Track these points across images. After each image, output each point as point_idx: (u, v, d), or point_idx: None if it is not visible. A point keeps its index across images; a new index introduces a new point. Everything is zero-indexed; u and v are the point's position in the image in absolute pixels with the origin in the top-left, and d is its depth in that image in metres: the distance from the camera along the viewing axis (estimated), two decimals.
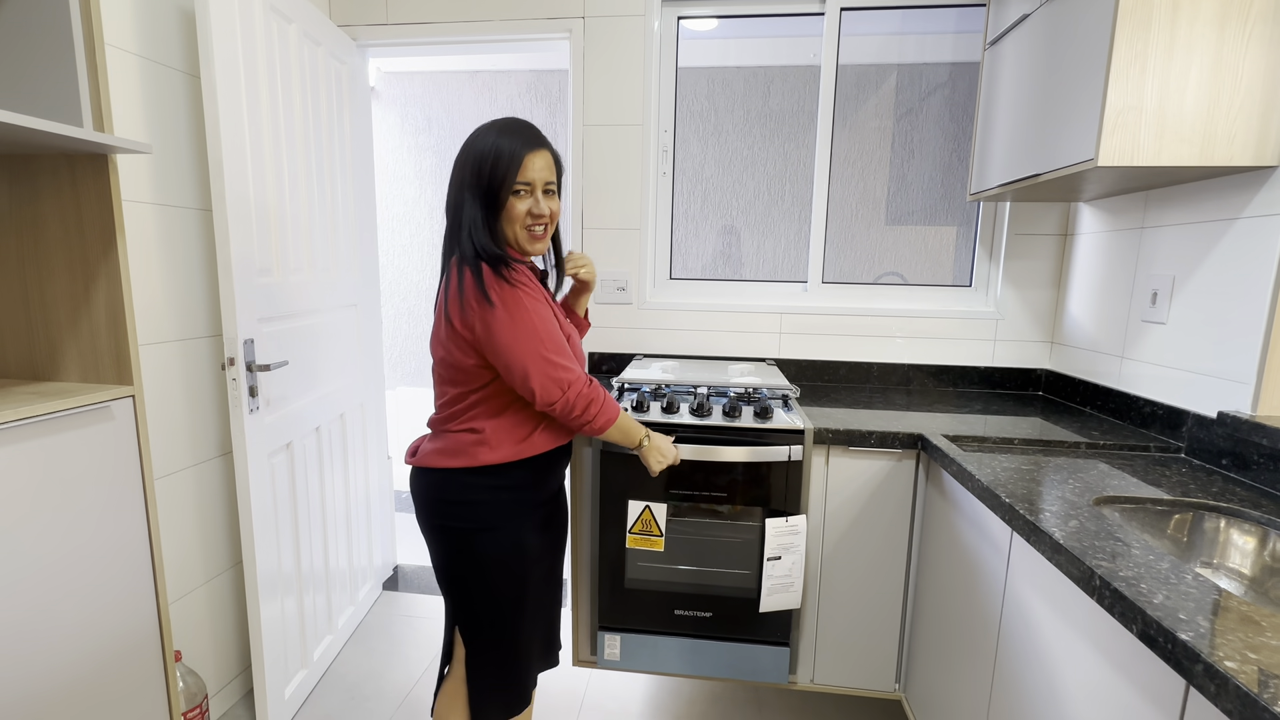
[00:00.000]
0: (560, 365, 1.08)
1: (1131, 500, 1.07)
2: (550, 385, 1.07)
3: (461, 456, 1.12)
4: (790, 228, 2.31)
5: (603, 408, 1.14)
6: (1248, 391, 1.20)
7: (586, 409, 1.12)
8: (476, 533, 1.14)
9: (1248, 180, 1.21)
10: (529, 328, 1.06)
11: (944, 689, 1.33)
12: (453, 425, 1.15)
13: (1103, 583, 0.75)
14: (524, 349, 1.05)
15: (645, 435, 1.26)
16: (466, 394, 1.13)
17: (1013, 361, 1.92)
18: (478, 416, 1.14)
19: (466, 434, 1.13)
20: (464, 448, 1.13)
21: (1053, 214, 1.85)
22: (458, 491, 1.13)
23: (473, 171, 1.09)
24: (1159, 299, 1.44)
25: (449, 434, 1.15)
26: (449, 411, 1.16)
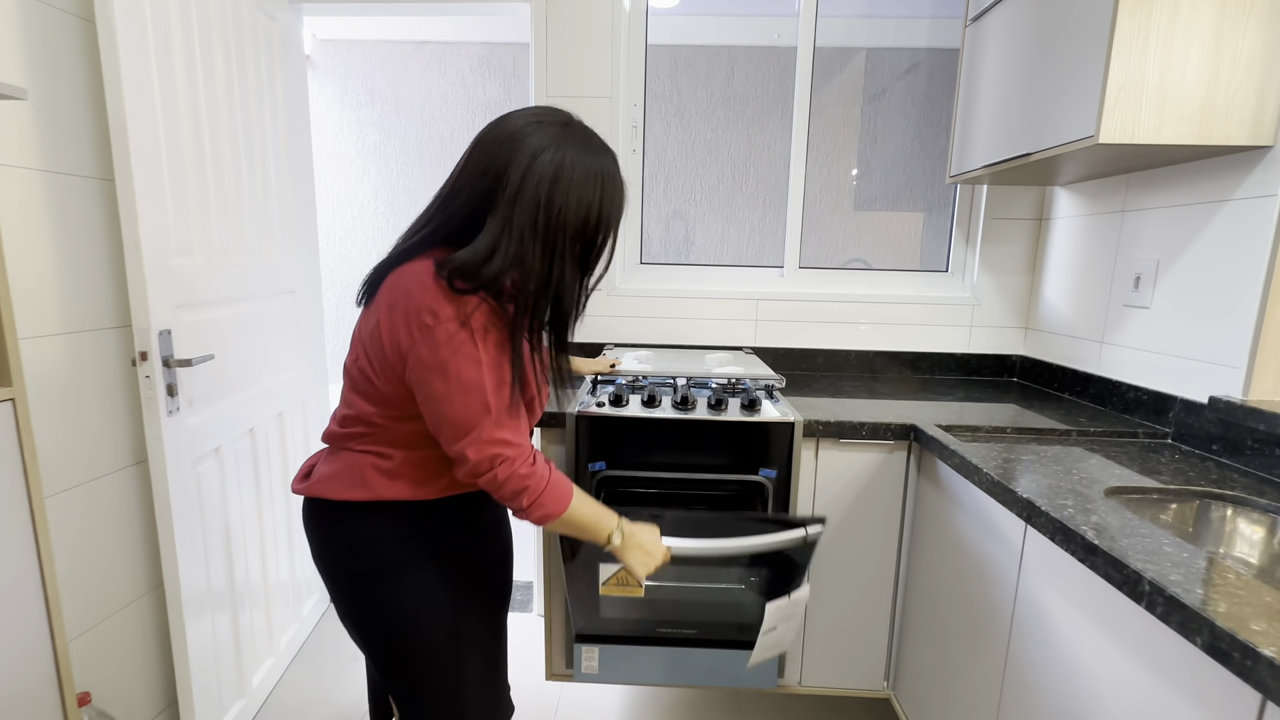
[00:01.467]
0: (498, 434, 0.84)
1: (1138, 490, 1.03)
2: (483, 453, 0.83)
3: (359, 487, 0.89)
4: (754, 214, 2.23)
5: (540, 498, 0.86)
6: (1238, 376, 1.18)
7: (517, 496, 0.85)
8: (382, 575, 0.92)
9: (1240, 161, 1.19)
10: (484, 376, 0.82)
11: (940, 687, 1.28)
12: (356, 444, 0.91)
13: (1154, 588, 0.68)
14: (466, 400, 0.82)
15: (616, 528, 0.95)
16: (380, 412, 0.89)
17: (989, 348, 1.90)
18: (389, 439, 0.90)
19: (371, 457, 0.90)
20: (364, 476, 0.89)
21: (1028, 198, 1.83)
22: (353, 528, 0.92)
23: (580, 207, 0.82)
24: (1142, 283, 1.42)
25: (349, 453, 0.91)
26: (353, 429, 0.91)
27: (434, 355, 0.80)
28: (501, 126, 0.84)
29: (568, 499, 0.90)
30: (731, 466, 1.35)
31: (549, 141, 0.82)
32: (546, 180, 0.81)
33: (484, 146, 0.84)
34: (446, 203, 0.86)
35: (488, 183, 0.82)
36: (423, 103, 3.36)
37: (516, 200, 0.80)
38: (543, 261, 0.82)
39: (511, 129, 0.83)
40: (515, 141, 0.82)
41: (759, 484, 1.36)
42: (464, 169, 0.85)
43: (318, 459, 0.97)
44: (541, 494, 0.87)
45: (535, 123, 0.83)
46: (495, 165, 0.82)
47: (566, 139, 0.83)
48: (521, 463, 0.85)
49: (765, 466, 1.35)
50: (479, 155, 0.84)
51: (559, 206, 0.81)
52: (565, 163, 0.81)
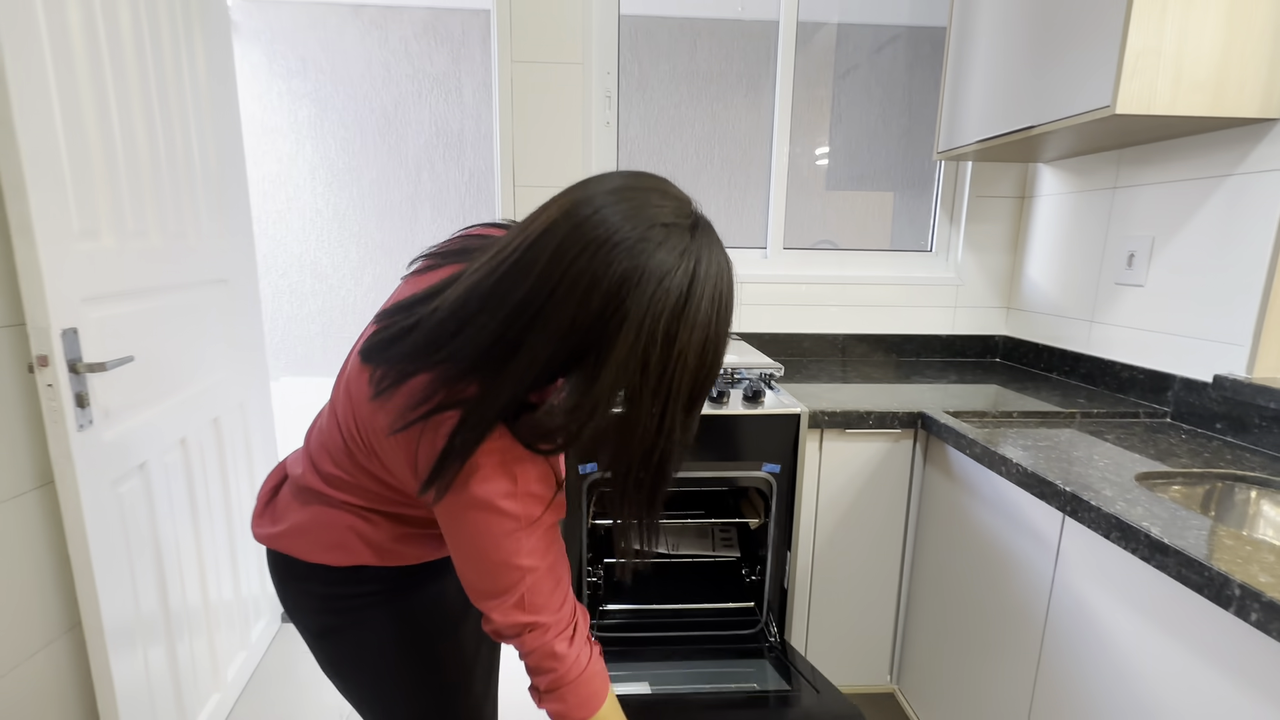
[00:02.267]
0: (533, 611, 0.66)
1: (1163, 476, 1.00)
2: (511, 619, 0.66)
3: (337, 550, 0.75)
4: (720, 194, 2.14)
5: (564, 689, 0.67)
6: (1242, 354, 1.17)
7: (539, 674, 0.68)
8: (363, 626, 0.80)
9: (1246, 134, 1.16)
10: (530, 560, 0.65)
11: (953, 684, 1.24)
12: (338, 492, 0.74)
13: (1246, 593, 0.63)
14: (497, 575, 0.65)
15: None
16: (381, 492, 0.73)
17: (972, 329, 1.88)
18: (381, 506, 0.74)
19: (352, 516, 0.74)
20: (344, 539, 0.75)
21: (1010, 176, 1.80)
22: (327, 588, 0.78)
23: (704, 338, 0.58)
24: (1136, 261, 1.40)
25: (328, 508, 0.75)
26: (337, 473, 0.73)
27: (469, 529, 0.64)
28: (605, 234, 0.55)
29: (596, 705, 0.68)
30: (734, 462, 1.26)
31: (678, 258, 0.56)
32: (666, 312, 0.55)
33: (576, 267, 0.55)
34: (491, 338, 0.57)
35: (583, 321, 0.55)
36: (363, 72, 3.09)
37: (631, 345, 0.56)
38: (653, 417, 0.59)
39: (627, 241, 0.55)
40: (636, 264, 0.55)
41: (762, 480, 1.27)
42: (535, 289, 0.56)
43: (282, 492, 0.81)
44: (567, 685, 0.67)
45: (662, 227, 0.57)
46: (599, 300, 0.55)
47: (695, 246, 0.58)
48: (557, 635, 0.66)
49: (769, 461, 1.27)
50: (565, 279, 0.55)
51: (681, 346, 0.57)
52: (695, 284, 0.57)
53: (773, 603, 1.34)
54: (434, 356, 0.60)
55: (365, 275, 3.26)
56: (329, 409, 0.76)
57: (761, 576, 1.35)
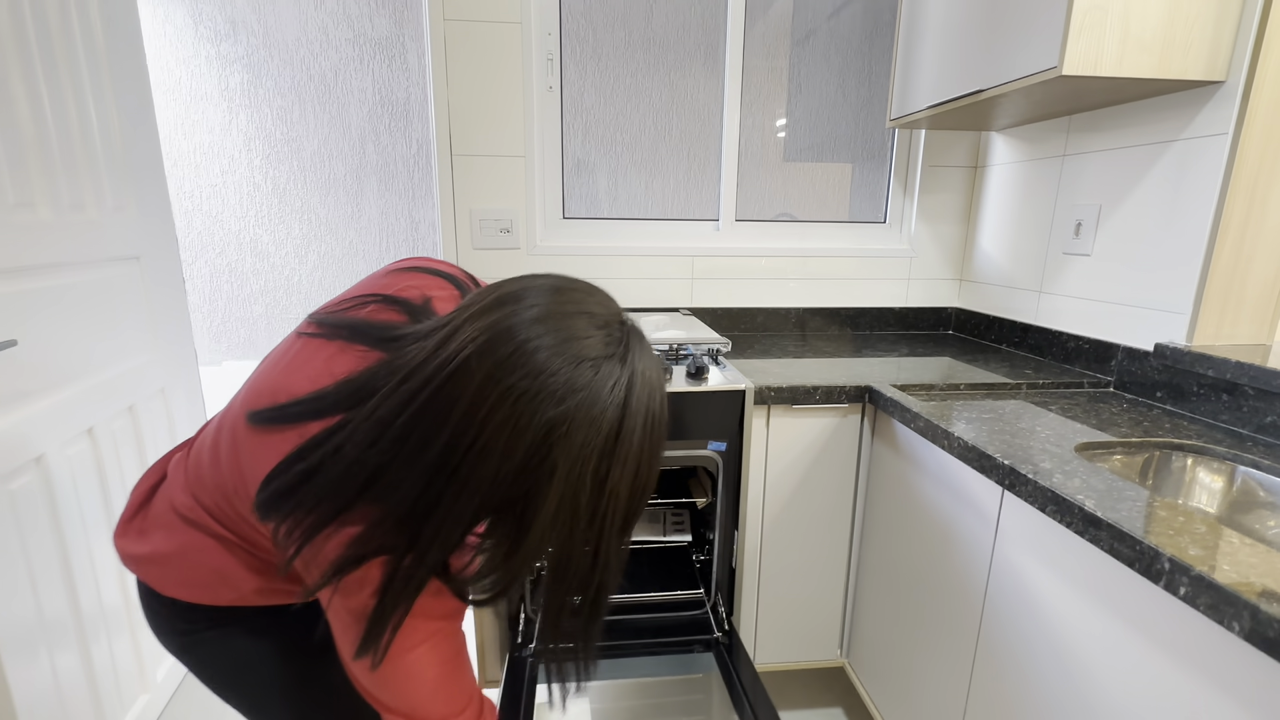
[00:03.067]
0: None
1: (1103, 446, 0.99)
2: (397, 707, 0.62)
3: (203, 589, 0.69)
4: (679, 167, 2.07)
5: None
6: (1183, 322, 1.16)
7: None
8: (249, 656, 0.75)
9: (1191, 98, 1.14)
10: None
11: (899, 656, 1.23)
12: (201, 517, 0.67)
13: (1175, 566, 0.61)
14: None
15: None
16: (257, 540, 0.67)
17: (925, 301, 1.87)
18: (247, 530, 0.66)
19: (215, 547, 0.67)
20: (210, 580, 0.68)
21: (964, 145, 1.78)
22: (196, 625, 0.73)
23: (638, 468, 0.53)
24: (1083, 230, 1.39)
25: (196, 532, 0.68)
26: (205, 500, 0.67)
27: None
28: (528, 379, 0.48)
29: None
30: (678, 441, 1.22)
31: (608, 394, 0.50)
32: (596, 454, 0.50)
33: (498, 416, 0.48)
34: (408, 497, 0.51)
35: (507, 474, 0.49)
36: (298, 37, 2.90)
37: (561, 496, 0.50)
38: (586, 556, 0.55)
39: (551, 386, 0.48)
40: (563, 410, 0.48)
41: (708, 459, 1.24)
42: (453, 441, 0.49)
43: (155, 496, 0.73)
44: None
45: (590, 364, 0.50)
46: (524, 453, 0.48)
47: (625, 374, 0.51)
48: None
49: (714, 439, 1.23)
50: (485, 430, 0.48)
51: (613, 485, 0.51)
52: (627, 417, 0.51)
53: (721, 584, 1.31)
54: (344, 514, 0.53)
55: (309, 254, 3.11)
56: (213, 442, 0.67)
57: (710, 557, 1.33)
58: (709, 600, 1.34)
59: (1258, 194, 1.08)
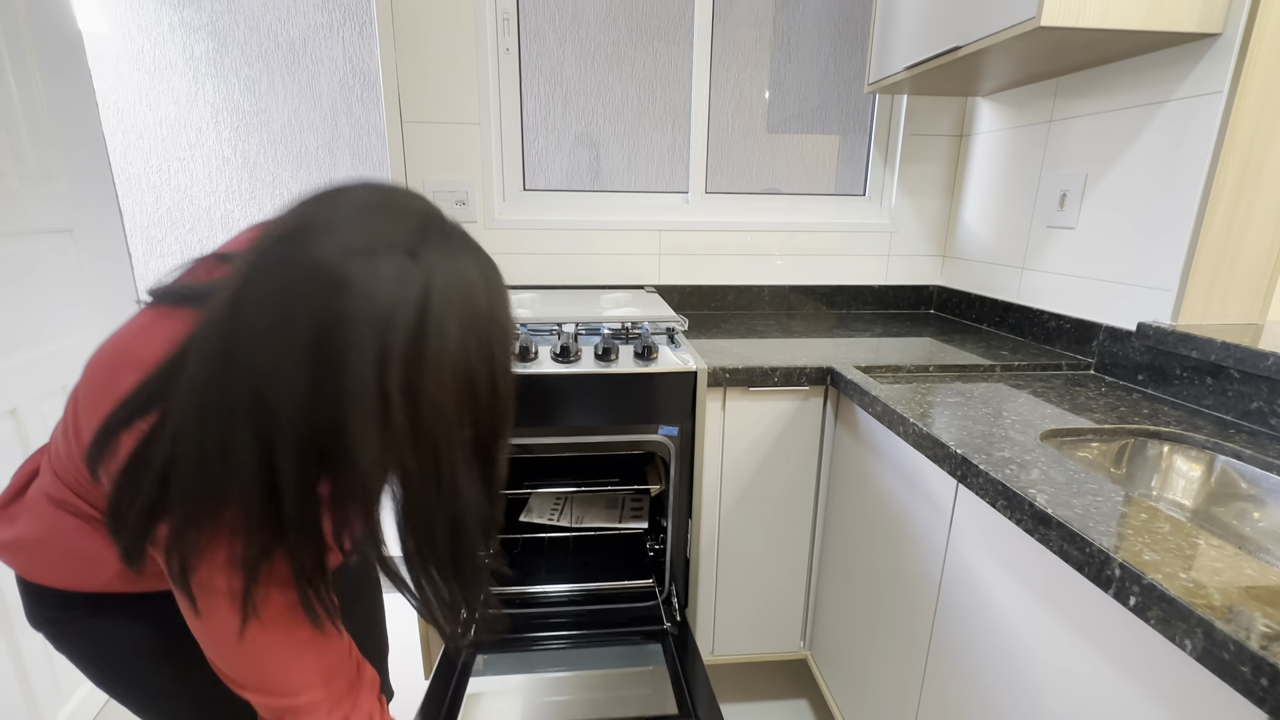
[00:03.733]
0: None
1: (1072, 433, 0.91)
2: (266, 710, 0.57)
3: (64, 573, 0.64)
4: (663, 139, 1.97)
5: None
6: (1168, 299, 1.08)
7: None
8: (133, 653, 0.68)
9: (1184, 54, 1.04)
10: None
11: (859, 650, 1.17)
12: (67, 497, 0.62)
13: (1126, 573, 0.54)
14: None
15: None
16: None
17: (906, 279, 1.78)
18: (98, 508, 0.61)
19: (81, 528, 0.62)
20: (69, 561, 0.63)
21: (949, 112, 1.67)
22: (69, 616, 0.67)
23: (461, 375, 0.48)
24: (1068, 201, 1.30)
25: (57, 510, 0.63)
26: (66, 476, 0.61)
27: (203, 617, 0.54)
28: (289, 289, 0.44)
29: None
30: (626, 426, 1.15)
31: (394, 290, 0.44)
32: (395, 363, 0.44)
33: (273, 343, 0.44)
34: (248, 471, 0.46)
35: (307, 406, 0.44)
36: (264, 1, 2.78)
37: (366, 416, 0.45)
38: (426, 483, 0.49)
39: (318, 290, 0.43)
40: (332, 316, 0.43)
41: (659, 444, 1.17)
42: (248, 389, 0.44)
43: (20, 497, 0.67)
44: None
45: (364, 258, 0.44)
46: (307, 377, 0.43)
47: (422, 269, 0.46)
48: (327, 714, 0.57)
49: (665, 424, 1.16)
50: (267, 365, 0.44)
51: (430, 397, 0.46)
52: (428, 317, 0.45)
53: (676, 574, 1.25)
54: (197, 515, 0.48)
55: None
56: (66, 411, 0.61)
57: (663, 546, 1.26)
58: (661, 592, 1.28)
59: (1253, 158, 0.99)
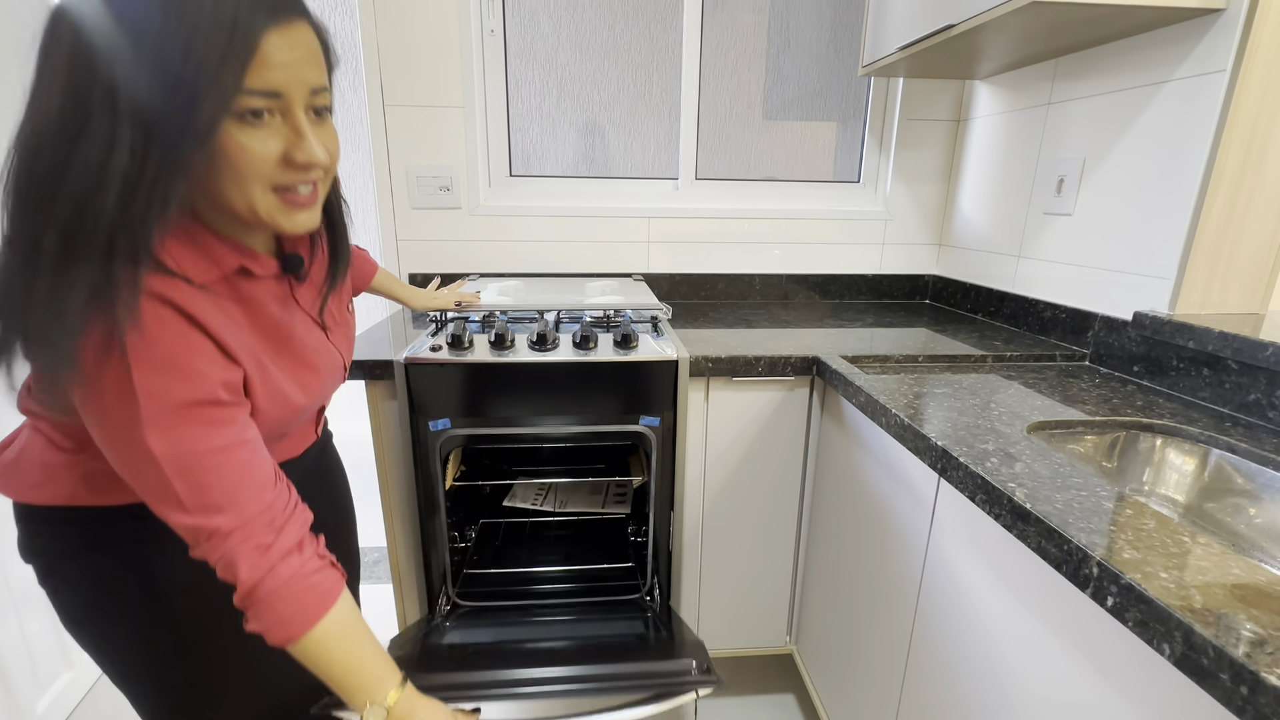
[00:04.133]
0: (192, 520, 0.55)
1: (1062, 425, 0.88)
2: (185, 531, 0.56)
3: (37, 487, 0.63)
4: (660, 126, 1.94)
5: (264, 604, 0.56)
6: (1166, 288, 1.04)
7: (236, 594, 0.57)
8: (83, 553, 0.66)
9: (1186, 31, 1.00)
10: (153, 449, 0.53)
11: (843, 645, 1.15)
12: (35, 417, 0.64)
13: (1105, 572, 0.51)
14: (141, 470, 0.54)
15: (382, 704, 0.60)
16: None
17: (901, 268, 1.74)
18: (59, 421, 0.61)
19: (43, 439, 0.63)
20: (38, 471, 0.63)
21: (947, 96, 1.63)
22: (47, 543, 0.66)
23: (127, 68, 0.47)
24: (1065, 186, 1.26)
25: (29, 429, 0.65)
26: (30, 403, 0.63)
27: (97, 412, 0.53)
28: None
29: (310, 618, 0.57)
30: (605, 416, 1.12)
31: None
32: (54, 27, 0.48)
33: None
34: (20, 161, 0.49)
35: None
36: None
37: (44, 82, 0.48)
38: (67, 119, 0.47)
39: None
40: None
41: (640, 435, 1.14)
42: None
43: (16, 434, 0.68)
44: (268, 597, 0.56)
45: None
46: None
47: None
48: (242, 542, 0.55)
49: (646, 414, 1.13)
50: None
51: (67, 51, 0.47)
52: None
53: (659, 567, 1.23)
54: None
55: None
56: None
57: (645, 538, 1.24)
58: (643, 581, 1.26)
59: (1256, 139, 0.95)
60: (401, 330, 1.30)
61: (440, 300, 1.18)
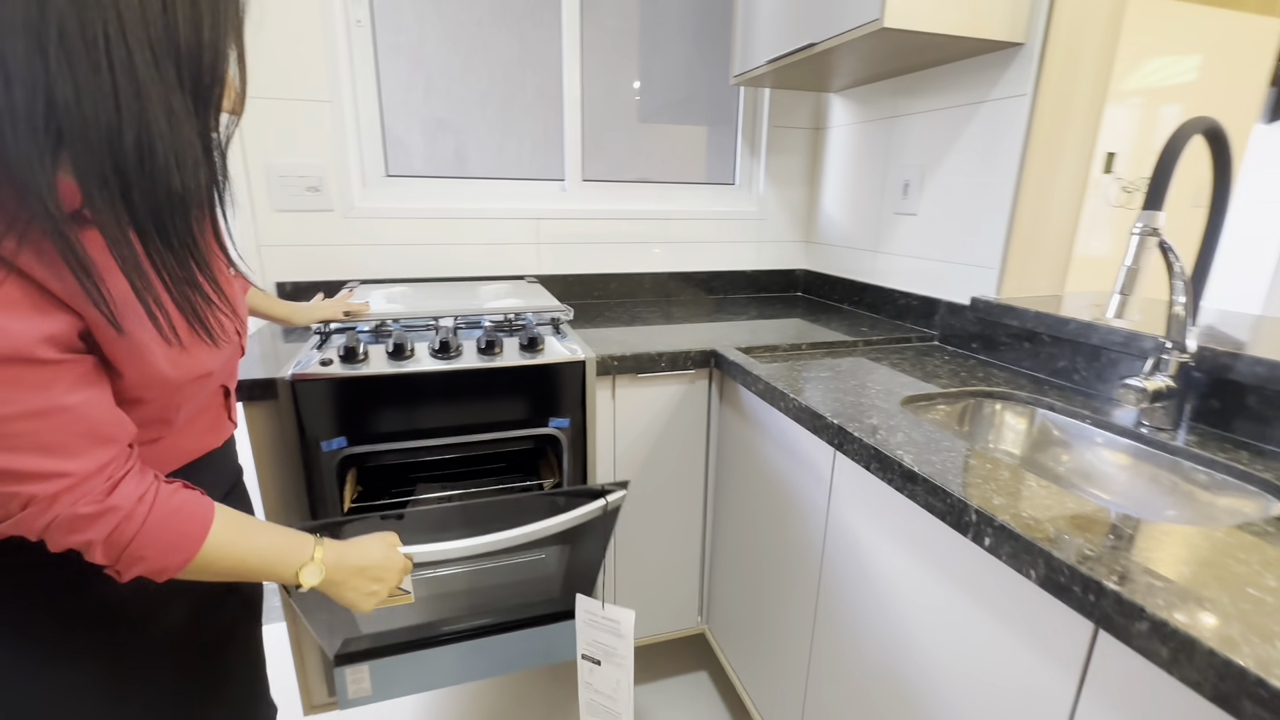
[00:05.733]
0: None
1: (925, 398, 1.02)
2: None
3: None
4: (534, 127, 1.92)
5: (130, 548, 0.51)
6: (993, 276, 1.23)
7: (86, 550, 0.51)
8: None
9: (996, 60, 1.19)
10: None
11: (754, 619, 1.24)
12: None
13: (981, 517, 0.60)
14: None
15: (310, 559, 0.62)
16: None
17: (775, 263, 1.88)
18: None
19: None
20: None
21: (806, 105, 1.79)
22: None
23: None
24: (910, 189, 1.44)
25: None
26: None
27: None
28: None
29: (196, 535, 0.54)
30: (515, 421, 1.11)
31: None
32: None
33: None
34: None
35: None
36: None
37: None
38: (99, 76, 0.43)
39: None
40: None
41: (550, 438, 1.14)
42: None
43: None
44: (131, 542, 0.51)
45: None
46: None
47: None
48: (77, 497, 0.49)
49: (556, 416, 1.13)
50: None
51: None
52: None
53: None
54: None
55: None
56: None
57: None
58: None
59: (1051, 152, 1.16)
60: (272, 346, 1.18)
61: (326, 310, 1.09)
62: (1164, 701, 0.48)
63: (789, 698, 1.11)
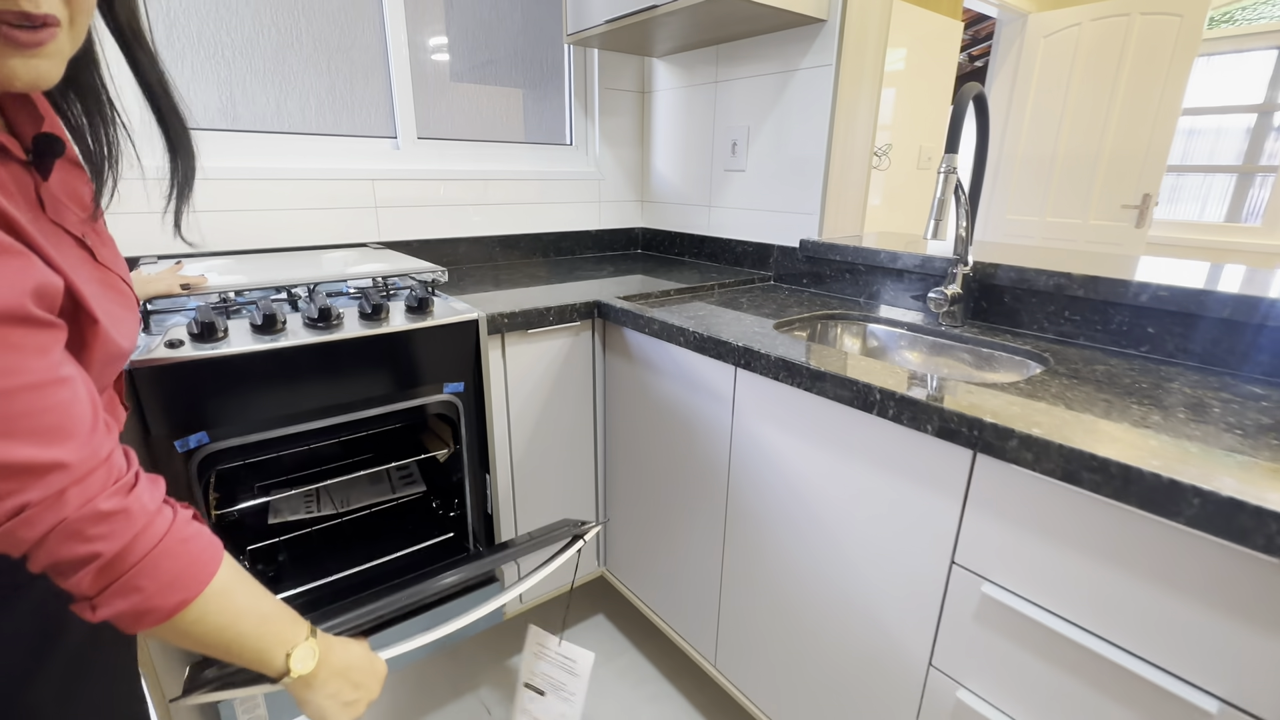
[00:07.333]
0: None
1: (787, 323, 1.19)
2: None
3: None
4: (319, 80, 1.71)
5: (138, 570, 0.42)
6: (814, 221, 1.46)
7: (78, 565, 0.40)
8: None
9: (805, 33, 1.39)
10: None
11: (658, 546, 1.34)
12: None
13: (885, 395, 0.76)
14: None
15: (305, 644, 0.53)
16: None
17: (615, 223, 1.96)
18: None
19: None
20: None
21: (630, 69, 1.87)
22: None
23: None
24: (738, 149, 1.62)
25: None
26: None
27: None
28: None
29: (204, 572, 0.46)
30: (407, 391, 1.04)
31: None
32: None
33: None
34: None
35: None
36: None
37: None
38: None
39: None
40: None
41: (448, 404, 1.09)
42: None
43: None
44: (138, 564, 0.42)
45: None
46: None
47: None
48: (91, 492, 0.39)
49: (450, 380, 1.09)
50: None
51: None
52: None
53: (479, 534, 1.21)
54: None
55: None
56: None
57: (462, 510, 1.21)
58: (468, 548, 1.22)
59: (850, 115, 1.40)
60: None
61: (157, 284, 0.90)
62: (1027, 492, 0.67)
63: (703, 605, 1.24)
